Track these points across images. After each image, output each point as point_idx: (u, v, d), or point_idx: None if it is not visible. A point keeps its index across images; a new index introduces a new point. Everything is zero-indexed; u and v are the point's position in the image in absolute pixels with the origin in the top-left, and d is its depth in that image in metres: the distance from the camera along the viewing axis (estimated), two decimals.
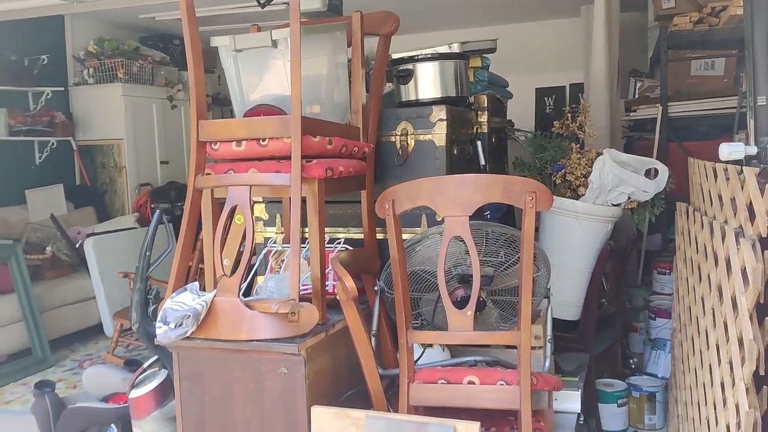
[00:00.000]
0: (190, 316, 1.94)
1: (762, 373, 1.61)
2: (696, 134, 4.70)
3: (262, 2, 3.65)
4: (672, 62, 4.74)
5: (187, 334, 1.99)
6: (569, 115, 3.26)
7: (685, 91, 4.76)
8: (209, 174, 2.15)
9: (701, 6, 4.65)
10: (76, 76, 6.08)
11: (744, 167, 1.72)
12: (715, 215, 2.06)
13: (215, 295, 2.01)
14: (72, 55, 6.07)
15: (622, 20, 4.77)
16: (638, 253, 4.54)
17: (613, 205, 3.00)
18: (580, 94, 4.95)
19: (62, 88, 5.92)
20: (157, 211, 2.41)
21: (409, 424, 1.82)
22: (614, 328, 3.44)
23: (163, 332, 1.97)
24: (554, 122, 3.29)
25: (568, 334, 3.08)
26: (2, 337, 4.36)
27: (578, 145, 3.17)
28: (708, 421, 1.97)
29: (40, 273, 4.90)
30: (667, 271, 4.00)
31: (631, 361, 3.74)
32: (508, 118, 3.61)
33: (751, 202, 1.65)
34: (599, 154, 3.04)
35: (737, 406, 1.64)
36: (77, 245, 5.15)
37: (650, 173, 3.10)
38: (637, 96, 5.16)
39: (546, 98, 7.06)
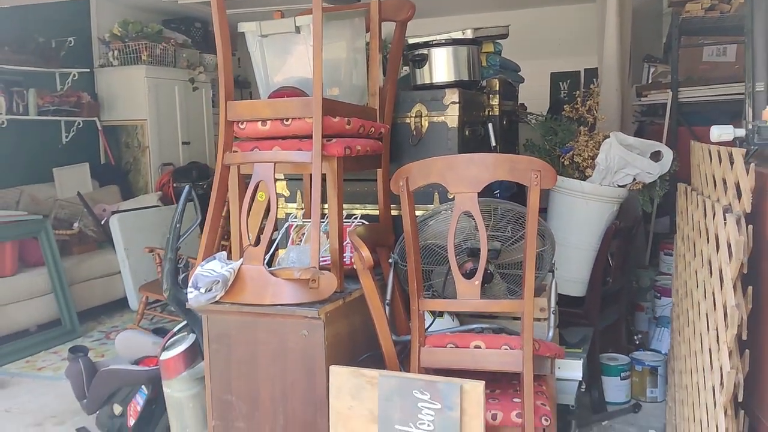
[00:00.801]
0: (219, 281, 2.11)
1: (744, 338, 1.75)
2: (706, 119, 4.76)
3: None
4: (684, 48, 4.81)
5: (216, 299, 2.16)
6: (579, 99, 3.38)
7: (696, 77, 4.83)
8: (236, 151, 2.31)
9: None
10: (101, 57, 6.25)
11: (732, 149, 1.85)
12: (709, 195, 2.19)
13: (242, 263, 2.18)
14: (97, 37, 6.24)
15: (637, 6, 4.83)
16: (647, 234, 4.66)
17: (619, 186, 3.13)
18: (594, 79, 5.05)
19: (88, 70, 6.09)
20: (187, 186, 2.57)
21: (419, 382, 1.98)
22: (619, 305, 3.57)
23: (194, 296, 2.14)
24: (564, 106, 3.41)
25: (574, 310, 3.23)
26: (33, 309, 4.57)
27: (587, 129, 3.29)
28: (698, 386, 2.11)
29: (68, 248, 5.10)
30: (673, 252, 4.11)
31: (635, 337, 3.87)
32: (520, 101, 3.73)
33: (738, 180, 1.78)
34: (607, 137, 3.16)
35: (721, 369, 1.78)
36: (102, 222, 5.35)
37: (656, 156, 3.21)
38: (650, 81, 5.24)
39: (561, 83, 7.14)
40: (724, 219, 1.77)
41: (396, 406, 1.93)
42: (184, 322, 2.66)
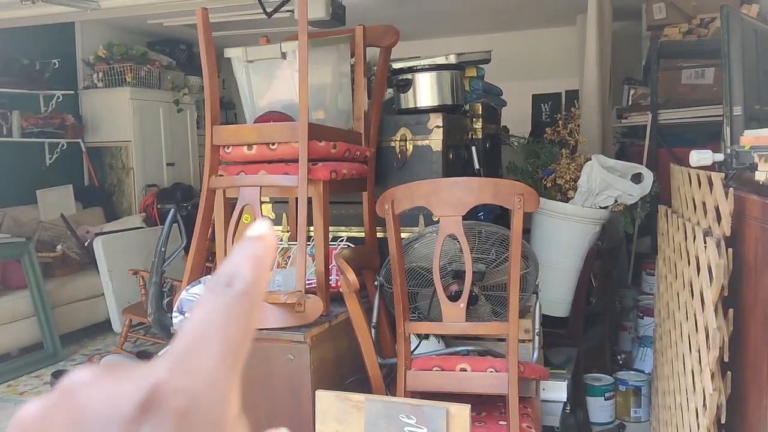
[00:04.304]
0: None
1: (726, 359, 1.77)
2: (685, 141, 4.86)
3: (268, 12, 3.83)
4: (663, 71, 4.90)
5: None
6: (560, 122, 3.43)
7: (675, 99, 4.93)
8: (222, 175, 2.32)
9: (691, 17, 4.82)
10: (85, 79, 6.25)
11: (711, 173, 1.89)
12: (689, 217, 2.23)
13: None
14: (82, 59, 6.25)
15: (617, 29, 4.93)
16: (629, 255, 4.71)
17: (601, 207, 3.17)
18: (575, 101, 5.12)
19: (72, 92, 6.10)
20: (172, 209, 2.58)
21: (405, 406, 1.99)
22: (602, 325, 3.60)
23: (179, 321, 2.14)
24: (546, 129, 3.46)
25: (558, 330, 3.25)
26: (15, 332, 4.52)
27: (569, 151, 3.34)
28: (681, 407, 2.14)
29: (51, 270, 5.06)
30: (655, 273, 4.16)
31: (618, 357, 3.90)
32: (503, 124, 3.78)
33: (717, 204, 1.82)
34: (588, 159, 3.20)
35: (704, 390, 1.80)
36: (86, 244, 5.32)
37: (637, 178, 3.26)
38: (630, 103, 5.33)
39: (542, 104, 7.22)
40: (705, 242, 1.80)
41: (382, 430, 1.93)
42: (169, 346, 2.65)
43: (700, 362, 1.87)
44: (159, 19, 6.09)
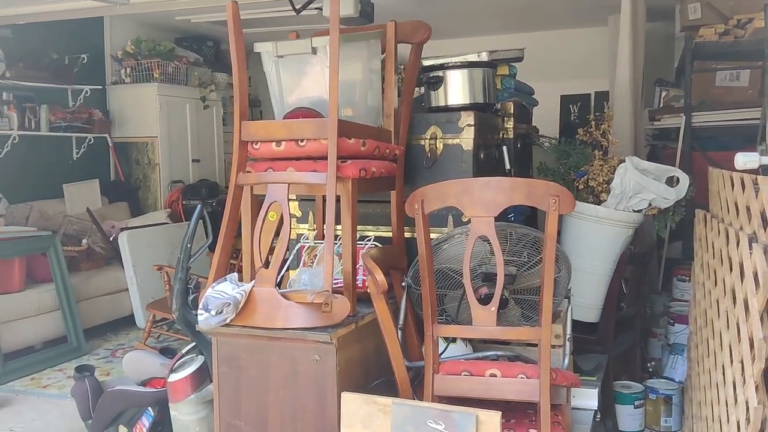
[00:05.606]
0: (230, 304, 2.08)
1: None
2: (719, 144, 4.75)
3: (297, 8, 3.80)
4: (697, 73, 4.79)
5: (227, 321, 2.12)
6: (593, 122, 3.36)
7: (709, 101, 4.81)
8: (250, 172, 2.28)
9: (727, 18, 4.70)
10: (113, 75, 6.28)
11: (759, 176, 1.81)
12: (731, 222, 2.15)
13: (254, 286, 2.14)
14: (110, 54, 6.28)
15: (648, 30, 4.83)
16: (659, 260, 4.61)
17: (634, 211, 3.09)
18: (604, 102, 5.03)
19: (100, 87, 6.13)
20: (199, 205, 2.55)
21: (433, 411, 1.93)
22: (633, 331, 3.51)
23: (204, 319, 2.10)
24: (578, 129, 3.38)
25: (588, 336, 3.17)
26: (40, 325, 4.54)
27: (601, 153, 3.26)
28: (720, 419, 2.06)
29: (76, 264, 5.09)
30: (687, 278, 4.05)
31: (648, 364, 3.81)
32: (533, 124, 3.71)
33: (764, 209, 1.74)
34: (621, 161, 3.12)
35: (747, 403, 1.73)
36: (111, 238, 5.34)
37: (674, 181, 3.18)
38: (661, 105, 5.22)
39: (571, 106, 7.12)
40: (750, 248, 1.73)
41: None
42: (193, 344, 2.62)
43: (743, 374, 1.80)
44: (187, 15, 6.10)
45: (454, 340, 2.51)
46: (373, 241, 2.59)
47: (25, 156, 5.38)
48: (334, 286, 2.15)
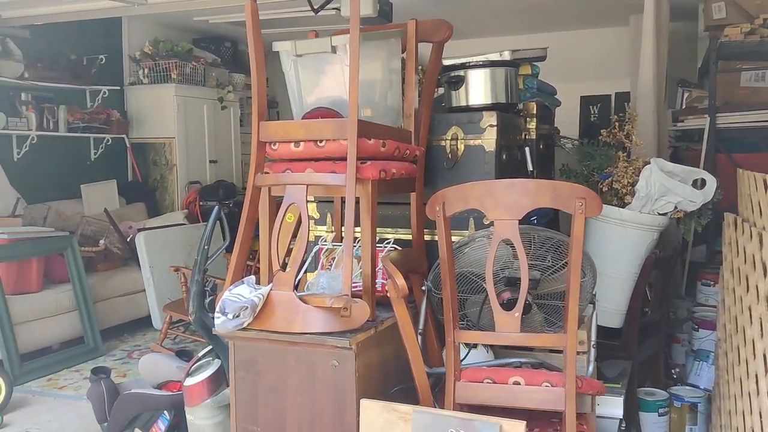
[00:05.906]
0: (247, 307, 2.03)
1: None
2: (745, 146, 4.65)
3: (315, 8, 3.76)
4: (721, 73, 4.69)
5: (244, 325, 2.08)
6: (616, 123, 3.28)
7: (734, 102, 4.71)
8: (268, 173, 2.24)
9: (753, 17, 4.60)
10: (131, 75, 6.28)
11: None
12: (764, 226, 2.07)
13: (271, 289, 2.10)
14: (128, 55, 6.28)
15: (671, 30, 4.74)
16: (683, 263, 4.51)
17: (660, 214, 3.01)
18: (626, 103, 4.93)
19: (118, 87, 6.13)
20: (216, 206, 2.52)
21: (455, 419, 1.88)
22: (657, 337, 3.43)
23: (221, 322, 2.06)
24: (601, 131, 3.31)
25: (611, 342, 3.10)
26: (57, 326, 4.54)
27: (625, 154, 3.18)
28: (753, 430, 1.98)
29: (93, 265, 5.09)
30: (712, 282, 3.97)
31: (673, 371, 3.72)
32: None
33: None
34: (646, 163, 3.05)
35: None
36: (128, 239, 5.33)
37: (697, 183, 3.10)
38: (684, 106, 5.12)
39: (591, 107, 7.01)
40: None
41: None
42: (210, 347, 2.59)
43: None
44: (205, 15, 6.08)
45: (475, 345, 2.46)
46: (393, 243, 2.54)
47: (43, 156, 5.39)
48: (353, 289, 2.11)
